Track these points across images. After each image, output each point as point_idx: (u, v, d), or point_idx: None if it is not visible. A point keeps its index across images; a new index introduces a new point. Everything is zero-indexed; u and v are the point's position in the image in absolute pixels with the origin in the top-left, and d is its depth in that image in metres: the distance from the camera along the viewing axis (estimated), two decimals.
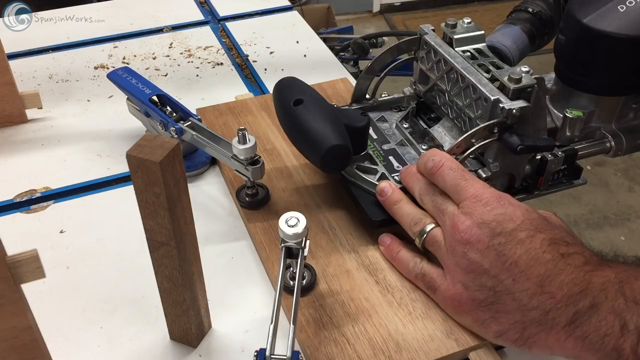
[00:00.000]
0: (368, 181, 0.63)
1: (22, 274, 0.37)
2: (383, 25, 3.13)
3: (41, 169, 0.76)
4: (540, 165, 0.65)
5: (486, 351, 0.53)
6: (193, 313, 0.52)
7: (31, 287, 0.38)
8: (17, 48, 1.00)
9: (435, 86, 0.70)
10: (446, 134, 0.68)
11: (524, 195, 0.67)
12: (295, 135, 0.62)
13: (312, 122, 0.59)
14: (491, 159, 0.63)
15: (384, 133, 0.71)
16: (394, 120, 0.73)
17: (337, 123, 0.60)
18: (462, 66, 0.64)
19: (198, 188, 0.72)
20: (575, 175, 0.68)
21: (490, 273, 0.50)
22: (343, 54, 1.52)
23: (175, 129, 0.68)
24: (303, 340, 0.53)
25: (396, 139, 0.70)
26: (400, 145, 0.69)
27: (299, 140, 0.62)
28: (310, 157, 0.62)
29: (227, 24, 1.09)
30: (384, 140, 0.70)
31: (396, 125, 0.72)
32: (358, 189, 0.64)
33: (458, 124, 0.67)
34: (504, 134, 0.59)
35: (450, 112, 0.68)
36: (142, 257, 0.51)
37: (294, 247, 0.52)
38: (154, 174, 0.42)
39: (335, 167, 0.62)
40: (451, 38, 0.67)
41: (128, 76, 0.74)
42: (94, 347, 0.55)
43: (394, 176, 0.64)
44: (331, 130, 0.58)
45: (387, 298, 0.57)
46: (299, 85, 0.64)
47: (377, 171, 0.65)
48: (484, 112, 0.61)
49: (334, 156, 0.58)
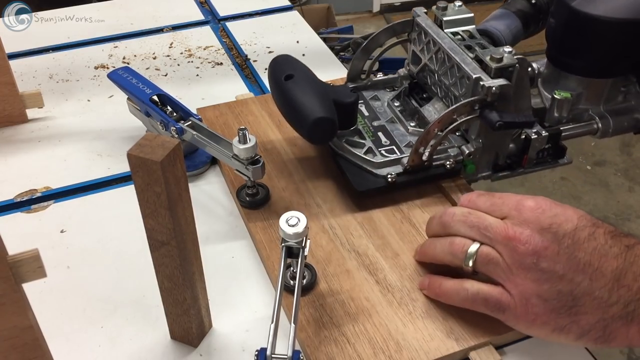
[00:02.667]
0: (355, 154, 0.66)
1: (23, 273, 0.37)
2: (383, 25, 3.12)
3: (42, 169, 0.76)
4: (525, 143, 0.67)
5: (486, 351, 0.53)
6: (194, 312, 0.52)
7: (32, 287, 0.38)
8: (17, 48, 1.00)
9: (426, 66, 0.72)
10: (436, 113, 0.70)
11: (508, 173, 0.69)
12: (285, 108, 0.65)
13: (301, 95, 0.62)
14: (474, 135, 0.65)
15: (375, 110, 0.73)
16: (386, 99, 0.75)
17: (324, 97, 0.63)
18: (448, 46, 0.66)
19: (198, 188, 0.72)
20: (559, 155, 0.70)
21: (566, 278, 0.48)
22: (343, 53, 1.52)
23: (175, 129, 0.68)
24: (303, 340, 0.53)
25: (387, 116, 0.72)
26: (390, 122, 0.72)
27: (288, 113, 0.65)
28: (298, 129, 0.64)
29: (227, 24, 1.09)
30: (374, 117, 0.72)
31: (388, 103, 0.74)
32: (346, 161, 0.67)
33: (446, 103, 0.70)
34: (484, 111, 0.61)
35: (439, 91, 0.71)
36: (142, 256, 0.51)
37: (295, 246, 0.52)
38: (154, 174, 0.42)
39: (321, 138, 0.64)
40: (441, 20, 0.70)
41: (128, 76, 0.74)
42: (94, 346, 0.55)
43: (381, 150, 0.67)
44: (318, 104, 0.61)
45: (387, 298, 0.57)
46: (291, 62, 0.67)
47: (364, 145, 0.67)
48: (467, 90, 0.63)
49: (319, 128, 0.61)
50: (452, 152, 0.67)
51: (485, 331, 0.54)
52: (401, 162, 0.66)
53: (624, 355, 1.62)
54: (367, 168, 0.66)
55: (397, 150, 0.67)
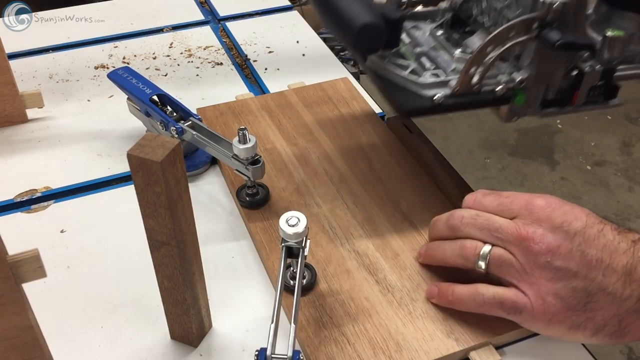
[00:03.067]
0: (398, 75, 0.61)
1: (23, 273, 0.37)
2: None
3: (42, 169, 0.76)
4: (577, 78, 0.62)
5: (486, 351, 0.53)
6: (194, 312, 0.52)
7: (32, 287, 0.38)
8: (17, 48, 1.00)
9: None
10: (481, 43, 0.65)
11: (557, 109, 0.64)
12: (328, 16, 0.61)
13: (345, 2, 0.57)
14: (527, 61, 0.60)
15: (417, 39, 0.68)
16: (428, 29, 0.70)
17: (369, 5, 0.58)
18: None
19: (198, 188, 0.72)
20: (611, 94, 0.65)
21: (580, 275, 0.49)
22: (343, 54, 1.51)
23: (175, 129, 0.68)
24: (303, 340, 0.53)
25: (430, 43, 0.68)
26: (433, 49, 0.67)
27: (331, 21, 0.60)
28: (344, 37, 0.59)
29: (227, 24, 1.09)
30: (416, 44, 0.68)
31: (430, 32, 0.69)
32: (388, 82, 0.62)
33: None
34: (543, 30, 0.56)
35: (487, 21, 0.66)
36: (142, 256, 0.51)
37: (295, 246, 0.52)
38: (154, 174, 0.42)
39: (370, 46, 0.59)
40: None
41: (128, 76, 0.74)
42: (94, 346, 0.55)
43: (426, 73, 0.62)
44: (365, 10, 0.56)
45: (387, 297, 0.57)
46: None
47: (409, 66, 0.62)
48: (524, 9, 0.58)
49: (367, 34, 0.56)
50: (503, 78, 0.61)
51: (485, 331, 0.54)
52: (449, 84, 0.61)
53: (624, 355, 1.62)
54: (412, 89, 0.61)
55: (443, 74, 0.63)
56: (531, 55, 0.60)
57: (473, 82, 0.60)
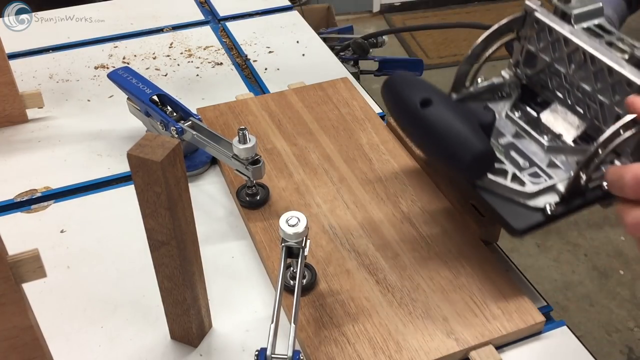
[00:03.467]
0: (501, 185, 0.56)
1: (23, 273, 0.37)
2: (383, 25, 3.12)
3: (42, 169, 0.76)
4: None
5: (486, 351, 0.53)
6: (194, 312, 0.52)
7: (32, 287, 0.38)
8: (17, 48, 1.00)
9: (548, 68, 0.63)
10: (560, 120, 0.62)
11: None
12: (428, 142, 0.57)
13: (450, 126, 0.53)
14: (630, 148, 0.55)
15: (496, 125, 0.63)
16: (500, 109, 0.66)
17: (473, 124, 0.55)
18: (591, 46, 0.57)
19: (198, 188, 0.72)
20: None
21: None
22: (343, 53, 1.51)
23: (175, 129, 0.68)
24: (303, 340, 0.53)
25: (510, 130, 0.64)
26: (517, 137, 0.63)
27: (434, 148, 0.56)
28: (452, 165, 0.56)
29: (227, 24, 1.09)
30: (497, 133, 0.63)
31: (506, 114, 0.65)
32: (492, 195, 0.57)
33: (580, 110, 0.61)
34: None
35: (567, 96, 0.62)
36: (142, 256, 0.51)
37: (295, 246, 0.52)
38: (154, 174, 0.42)
39: (483, 172, 0.56)
40: (566, 13, 0.60)
41: (128, 76, 0.74)
42: (94, 346, 0.55)
43: (524, 174, 0.58)
44: (473, 134, 0.53)
45: (387, 298, 0.57)
46: (416, 82, 0.58)
47: (506, 171, 0.58)
48: (621, 96, 0.54)
49: (482, 161, 0.54)
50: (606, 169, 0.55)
51: (485, 331, 0.54)
52: (555, 188, 0.56)
53: (624, 355, 1.62)
54: (519, 200, 0.56)
55: (542, 173, 0.59)
56: (634, 144, 0.55)
57: (582, 182, 0.55)
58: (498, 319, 0.55)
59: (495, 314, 0.55)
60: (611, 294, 1.77)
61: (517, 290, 0.57)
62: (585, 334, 1.62)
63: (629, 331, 1.66)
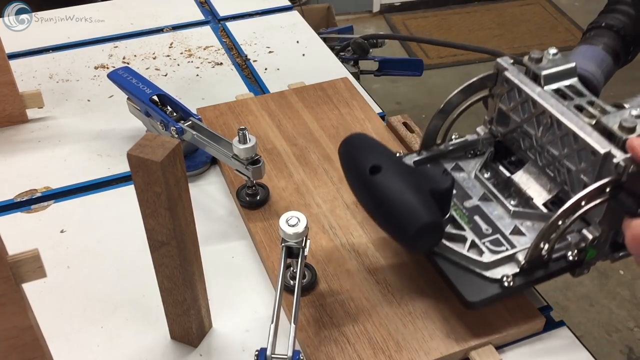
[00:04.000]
0: (457, 252, 0.54)
1: (23, 273, 0.37)
2: (383, 25, 3.12)
3: (42, 169, 0.76)
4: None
5: (486, 351, 0.53)
6: (194, 312, 0.52)
7: (32, 287, 0.38)
8: (17, 48, 1.00)
9: (519, 128, 0.61)
10: (533, 182, 0.60)
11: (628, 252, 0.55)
12: (374, 210, 0.55)
13: (396, 194, 0.51)
14: (598, 217, 0.52)
15: (462, 186, 0.62)
16: (471, 169, 0.64)
17: (423, 192, 0.52)
18: (557, 110, 0.55)
19: (198, 188, 0.72)
20: None
21: None
22: (343, 53, 1.51)
23: (175, 129, 0.68)
24: (303, 340, 0.53)
25: (478, 192, 0.61)
26: (483, 200, 0.61)
27: (380, 217, 0.54)
28: (396, 236, 0.55)
29: (227, 24, 1.09)
30: (464, 195, 0.61)
31: (475, 175, 0.63)
32: (447, 262, 0.54)
33: (550, 172, 0.59)
34: (619, 194, 0.49)
35: (539, 158, 0.60)
36: (142, 256, 0.51)
37: (295, 246, 0.52)
38: (154, 174, 0.42)
39: (427, 245, 0.54)
40: (537, 74, 0.58)
41: (128, 76, 0.74)
42: (94, 346, 0.55)
43: (485, 242, 0.56)
44: (419, 204, 0.51)
45: (387, 298, 0.57)
46: (370, 144, 0.56)
47: (465, 238, 0.56)
48: (591, 165, 0.52)
49: (425, 235, 0.51)
50: (573, 239, 0.54)
51: (485, 331, 0.54)
52: (515, 258, 0.54)
53: (624, 355, 1.62)
54: (475, 270, 0.54)
55: (504, 241, 0.56)
56: (602, 213, 0.52)
57: (543, 253, 0.53)
58: (498, 319, 0.55)
59: (495, 314, 0.55)
60: (611, 294, 1.77)
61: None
62: (585, 334, 1.62)
63: (629, 331, 1.66)
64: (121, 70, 0.75)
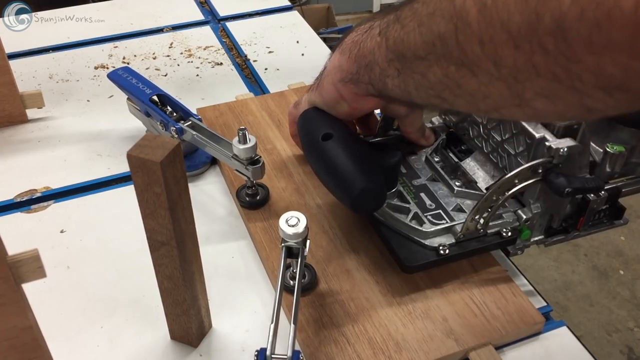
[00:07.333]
0: (401, 222, 0.58)
1: (23, 273, 0.37)
2: None
3: (41, 169, 0.76)
4: (582, 205, 0.59)
5: (486, 351, 0.53)
6: (193, 313, 0.52)
7: (32, 287, 0.38)
8: (17, 48, 1.00)
9: (468, 117, 0.66)
10: (479, 169, 0.64)
11: (562, 237, 0.62)
12: (324, 173, 0.58)
13: (343, 160, 0.55)
14: (532, 199, 0.58)
15: (413, 167, 0.66)
16: (424, 153, 0.68)
17: (369, 161, 0.56)
18: None
19: (198, 188, 0.72)
20: (616, 215, 0.63)
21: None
22: None
23: (175, 129, 0.68)
24: (303, 340, 0.53)
25: (427, 173, 0.66)
26: (431, 180, 0.65)
27: (328, 180, 0.58)
28: (341, 198, 0.58)
29: (227, 24, 1.10)
30: (414, 175, 0.65)
31: (426, 158, 0.67)
32: (389, 230, 0.59)
33: (493, 159, 0.63)
34: (549, 175, 0.55)
35: (485, 145, 0.64)
36: (142, 256, 0.51)
37: (294, 246, 0.52)
38: (154, 174, 0.42)
39: (368, 209, 0.58)
40: None
41: (128, 76, 0.74)
42: (94, 346, 0.55)
43: (427, 215, 0.59)
44: (364, 170, 0.55)
45: (387, 298, 0.57)
46: (325, 117, 0.61)
47: (409, 210, 0.60)
48: (527, 149, 0.57)
49: (366, 198, 0.54)
50: (508, 218, 0.59)
51: (485, 331, 0.54)
52: (452, 230, 0.58)
53: (624, 355, 1.62)
54: (414, 238, 0.58)
55: (445, 216, 0.60)
56: (536, 195, 0.58)
57: (478, 227, 0.58)
58: (498, 319, 0.55)
59: (495, 314, 0.55)
60: (611, 294, 1.77)
61: (516, 291, 0.57)
62: (585, 334, 1.62)
63: (629, 331, 1.67)
64: (121, 70, 0.75)
